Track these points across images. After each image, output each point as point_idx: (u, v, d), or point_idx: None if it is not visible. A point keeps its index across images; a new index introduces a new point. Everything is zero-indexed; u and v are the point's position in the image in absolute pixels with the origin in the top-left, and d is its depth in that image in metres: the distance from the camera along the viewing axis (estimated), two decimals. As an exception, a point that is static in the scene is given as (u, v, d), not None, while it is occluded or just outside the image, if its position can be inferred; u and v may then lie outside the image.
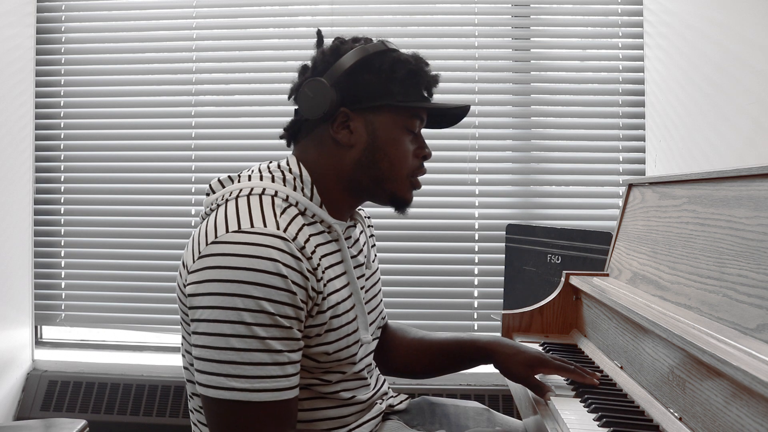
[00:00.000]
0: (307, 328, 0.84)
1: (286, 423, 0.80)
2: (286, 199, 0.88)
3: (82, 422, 1.61)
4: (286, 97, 0.99)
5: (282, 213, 0.85)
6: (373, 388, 1.02)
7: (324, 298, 0.85)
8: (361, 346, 0.94)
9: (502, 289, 2.07)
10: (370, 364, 1.03)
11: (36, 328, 2.42)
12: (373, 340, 1.05)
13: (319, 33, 1.00)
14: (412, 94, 0.95)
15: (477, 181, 2.28)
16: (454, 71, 2.31)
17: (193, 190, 2.36)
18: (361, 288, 1.00)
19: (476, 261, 2.28)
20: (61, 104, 2.40)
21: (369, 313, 1.01)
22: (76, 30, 2.40)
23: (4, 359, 2.21)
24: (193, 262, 0.82)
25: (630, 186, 1.45)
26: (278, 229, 0.81)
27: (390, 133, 0.94)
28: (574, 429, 0.89)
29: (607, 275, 1.43)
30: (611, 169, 2.26)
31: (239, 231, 0.80)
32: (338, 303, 0.89)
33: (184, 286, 0.84)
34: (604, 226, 2.16)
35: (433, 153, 1.03)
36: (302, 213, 0.89)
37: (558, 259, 1.88)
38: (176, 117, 2.36)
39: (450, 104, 0.98)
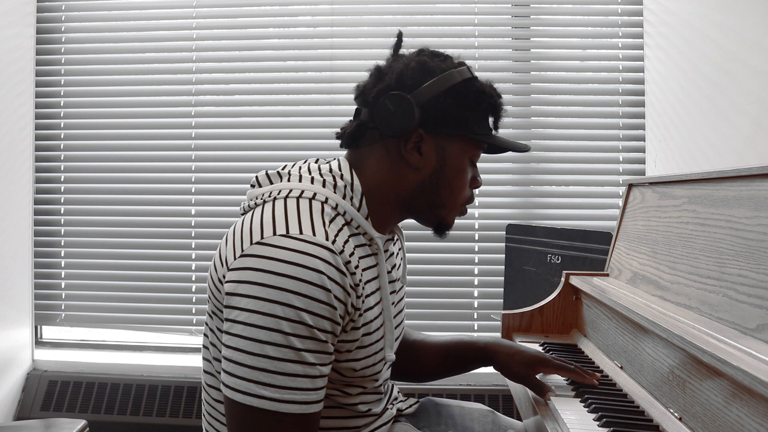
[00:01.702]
0: (340, 342, 0.82)
1: None
2: (335, 208, 0.85)
3: (82, 422, 1.61)
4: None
5: (330, 222, 0.82)
6: (386, 398, 1.02)
7: (360, 315, 0.83)
8: (385, 364, 0.93)
9: (502, 289, 2.07)
10: (387, 379, 1.01)
11: (36, 328, 2.42)
12: None
13: (399, 35, 0.96)
14: (485, 127, 0.94)
15: (477, 181, 2.28)
16: (454, 71, 2.31)
17: (193, 190, 2.36)
18: (391, 303, 0.97)
19: (476, 261, 2.27)
20: (61, 104, 2.40)
21: (395, 327, 0.99)
22: (76, 30, 2.41)
23: (4, 359, 2.21)
24: (234, 259, 0.79)
25: (630, 186, 1.45)
26: (327, 239, 0.79)
27: (457, 163, 0.93)
28: (574, 429, 0.89)
29: (607, 275, 1.43)
30: (611, 169, 2.26)
31: (287, 236, 0.78)
32: (371, 321, 0.87)
33: (221, 282, 0.81)
34: (604, 226, 2.16)
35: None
36: (348, 223, 0.87)
37: (558, 259, 1.88)
38: (176, 117, 2.36)
39: (518, 144, 0.98)
